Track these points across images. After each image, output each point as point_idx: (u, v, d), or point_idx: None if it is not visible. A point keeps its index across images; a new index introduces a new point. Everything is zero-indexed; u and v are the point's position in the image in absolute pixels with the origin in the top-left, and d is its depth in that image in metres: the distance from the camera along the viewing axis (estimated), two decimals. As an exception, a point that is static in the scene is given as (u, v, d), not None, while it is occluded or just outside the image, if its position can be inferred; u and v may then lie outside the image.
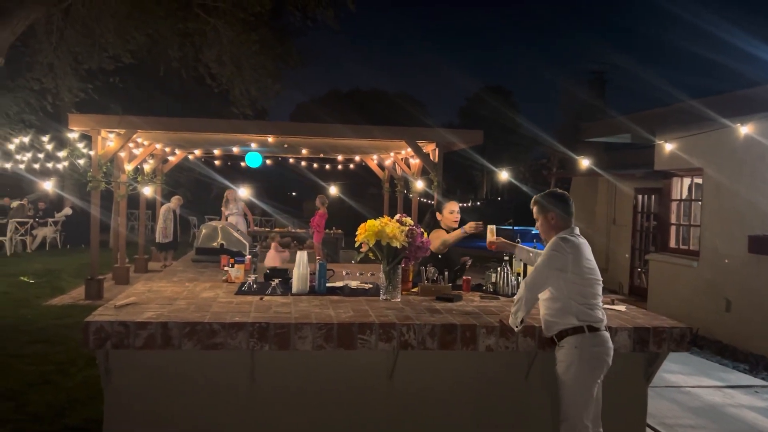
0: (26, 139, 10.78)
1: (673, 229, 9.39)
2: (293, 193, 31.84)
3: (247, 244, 6.61)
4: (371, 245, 3.62)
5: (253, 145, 11.44)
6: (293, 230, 15.10)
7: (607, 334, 3.03)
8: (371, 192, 24.39)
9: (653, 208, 10.71)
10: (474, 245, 5.71)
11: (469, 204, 29.99)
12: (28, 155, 11.83)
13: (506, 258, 4.11)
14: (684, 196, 9.23)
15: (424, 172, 10.17)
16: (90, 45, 12.81)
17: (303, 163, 16.37)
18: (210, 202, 24.30)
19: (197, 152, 13.44)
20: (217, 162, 15.80)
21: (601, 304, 3.08)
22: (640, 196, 11.08)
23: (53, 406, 4.43)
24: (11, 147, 11.03)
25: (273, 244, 9.21)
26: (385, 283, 3.70)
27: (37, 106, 14.63)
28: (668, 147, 7.70)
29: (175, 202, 12.76)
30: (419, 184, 9.12)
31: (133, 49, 13.07)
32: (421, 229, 3.73)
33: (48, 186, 9.88)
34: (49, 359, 5.52)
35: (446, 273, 4.04)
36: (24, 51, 13.09)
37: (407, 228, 3.61)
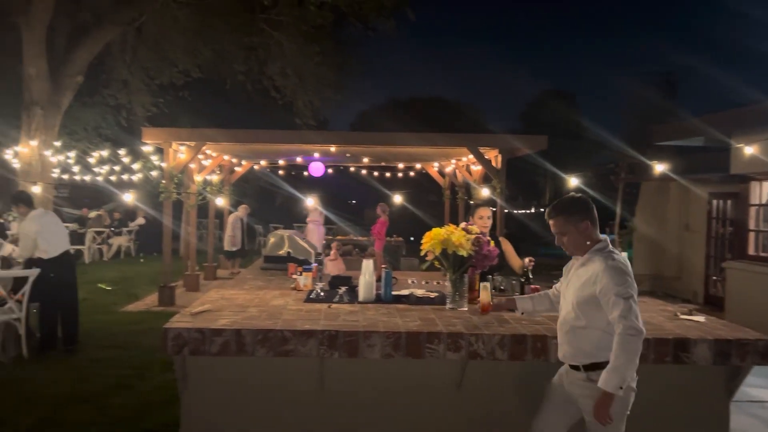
0: (104, 153, 11.34)
1: (751, 235, 8.93)
2: (353, 201, 32.15)
3: (313, 252, 6.74)
4: (437, 254, 3.61)
5: (316, 155, 11.65)
6: (354, 238, 15.23)
7: None
8: (431, 199, 24.32)
9: (729, 214, 10.22)
10: (540, 254, 5.61)
11: (533, 210, 29.44)
12: (105, 167, 12.44)
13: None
14: (763, 201, 8.77)
15: (486, 179, 10.08)
16: (161, 61, 13.38)
17: (363, 172, 16.53)
18: (275, 211, 24.87)
19: (263, 163, 13.78)
20: (281, 171, 16.14)
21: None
22: (714, 201, 10.60)
23: (132, 409, 4.62)
24: (91, 160, 11.61)
25: (332, 252, 9.34)
26: (451, 292, 3.68)
27: (113, 120, 15.40)
28: (748, 150, 7.33)
29: (242, 210, 13.13)
30: (485, 192, 9.04)
31: (200, 63, 13.57)
32: (488, 238, 3.69)
33: (128, 198, 10.35)
34: (126, 364, 5.77)
35: (513, 282, 3.99)
36: (101, 69, 13.78)
37: (473, 236, 3.59)
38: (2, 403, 4.67)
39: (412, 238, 15.50)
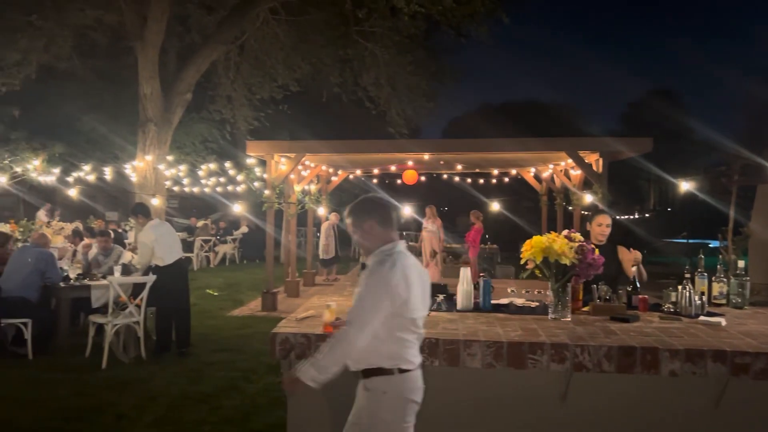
0: (212, 166, 12.02)
1: None
2: (445, 208, 32.05)
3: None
4: (538, 262, 3.54)
5: (410, 163, 11.74)
6: (448, 245, 15.18)
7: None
8: (526, 205, 23.81)
9: None
10: (648, 261, 5.34)
11: (636, 216, 28.11)
12: (212, 179, 13.17)
13: (687, 275, 3.81)
14: None
15: (586, 184, 9.74)
16: (262, 77, 14.02)
17: (456, 179, 16.45)
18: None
19: (358, 172, 14.06)
20: (374, 180, 16.39)
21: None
22: None
23: (240, 410, 4.84)
24: (199, 173, 12.35)
25: (427, 260, 9.35)
26: (553, 302, 3.59)
27: (218, 134, 16.29)
28: None
29: (334, 218, 13.45)
30: (588, 198, 8.74)
31: (298, 77, 14.09)
32: (593, 246, 3.57)
33: (237, 208, 10.91)
34: (235, 366, 6.06)
35: (620, 291, 3.83)
36: (207, 86, 14.63)
37: (576, 244, 3.48)
38: (125, 401, 5.04)
39: (506, 246, 15.24)
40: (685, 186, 7.53)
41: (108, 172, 11.57)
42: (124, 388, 5.37)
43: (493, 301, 4.01)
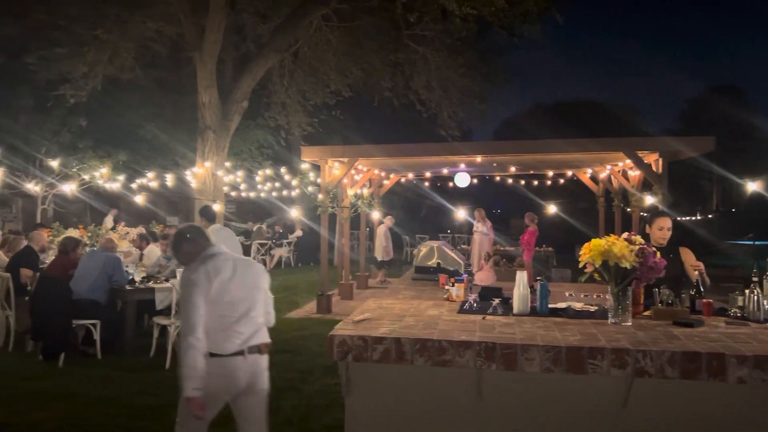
0: (268, 171, 12.31)
1: None
2: (498, 211, 31.72)
3: (462, 263, 6.78)
4: (597, 266, 3.48)
5: (462, 166, 11.69)
6: (501, 248, 15.03)
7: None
8: (582, 207, 23.33)
9: None
10: (710, 264, 5.17)
11: (698, 217, 27.14)
12: (268, 184, 13.49)
13: (755, 279, 3.67)
14: None
15: (645, 185, 9.49)
16: (315, 83, 14.26)
17: (509, 180, 16.28)
18: (420, 222, 25.29)
19: (410, 175, 14.10)
20: (426, 183, 16.40)
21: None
22: None
23: (299, 410, 4.94)
24: (256, 178, 12.66)
25: (481, 263, 9.27)
26: (613, 306, 3.52)
27: (273, 140, 16.64)
28: None
29: (389, 221, 13.53)
30: (649, 199, 8.51)
31: (350, 83, 14.26)
32: (654, 248, 3.49)
33: (294, 213, 11.15)
34: (292, 368, 6.18)
35: (683, 295, 3.73)
36: (262, 93, 14.98)
37: (637, 247, 3.41)
38: (189, 399, 5.22)
39: (561, 248, 14.95)
40: (752, 186, 7.23)
41: (169, 179, 12.00)
42: (187, 387, 5.55)
43: (550, 305, 3.96)
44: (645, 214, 4.68)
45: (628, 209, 10.61)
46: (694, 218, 27.34)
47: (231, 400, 3.34)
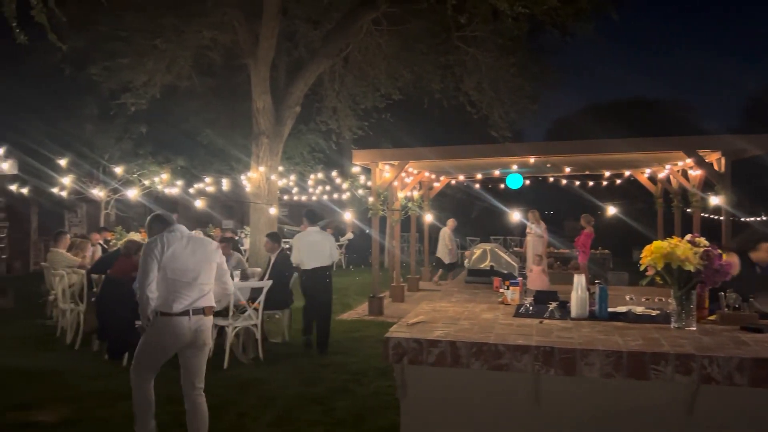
0: (320, 175, 12.47)
1: None
2: (550, 213, 31.11)
3: (516, 266, 6.70)
4: (659, 269, 3.38)
5: (514, 167, 11.55)
6: (555, 250, 14.75)
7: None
8: (639, 207, 22.66)
9: None
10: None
11: (763, 218, 25.94)
12: (319, 187, 13.66)
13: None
14: None
15: (706, 184, 9.16)
16: (365, 87, 14.33)
17: (563, 181, 15.97)
18: (471, 224, 25.06)
19: (461, 177, 14.02)
20: (476, 185, 16.26)
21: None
22: None
23: (353, 412, 4.99)
24: (308, 181, 12.84)
25: (532, 266, 9.12)
26: (676, 310, 3.42)
27: (324, 144, 16.83)
28: None
29: (451, 223, 13.54)
30: (714, 200, 8.22)
31: (400, 86, 14.26)
32: (719, 251, 3.36)
33: (347, 216, 11.29)
34: (346, 369, 6.25)
35: (750, 299, 3.58)
36: (313, 98, 15.16)
37: (701, 249, 3.30)
38: (246, 399, 5.34)
39: (618, 251, 14.53)
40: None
41: (225, 183, 12.30)
42: (245, 387, 5.69)
43: (609, 309, 3.87)
44: (746, 239, 4.54)
45: (688, 210, 10.27)
46: (759, 219, 26.14)
47: (178, 352, 4.07)
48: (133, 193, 10.54)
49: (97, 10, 10.43)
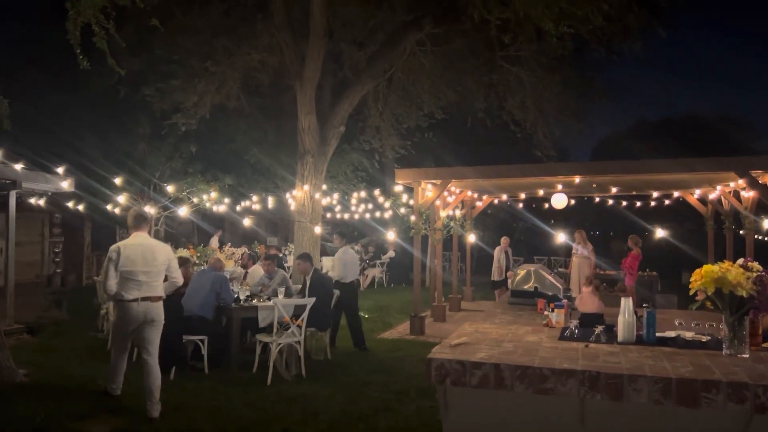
0: (362, 194, 12.60)
1: None
2: (596, 233, 30.46)
3: (561, 287, 6.62)
4: (710, 294, 3.30)
5: (559, 187, 11.42)
6: (602, 272, 14.46)
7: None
8: (689, 228, 22.01)
9: None
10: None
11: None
12: (362, 206, 13.78)
13: None
14: None
15: (760, 206, 8.88)
16: (408, 106, 14.47)
17: (609, 201, 15.68)
18: (513, 244, 24.78)
19: (504, 197, 13.94)
20: (520, 204, 16.12)
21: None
22: None
23: (395, 430, 4.99)
24: (352, 201, 12.99)
25: (582, 288, 8.93)
26: (728, 336, 3.33)
27: (368, 163, 17.00)
28: None
29: (504, 242, 13.49)
30: (767, 223, 7.96)
31: (443, 105, 14.35)
32: (774, 276, 3.27)
33: (391, 235, 11.36)
34: (388, 388, 6.26)
35: (808, 327, 3.45)
36: (357, 118, 15.38)
37: (755, 274, 3.21)
38: (289, 416, 5.41)
39: (666, 273, 14.14)
40: None
41: (270, 201, 12.54)
42: (289, 403, 5.76)
43: (657, 334, 3.80)
44: None
45: (741, 232, 9.96)
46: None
47: (137, 329, 5.41)
48: (182, 211, 10.82)
49: (153, 35, 10.87)
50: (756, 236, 9.71)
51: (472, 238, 12.84)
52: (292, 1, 11.58)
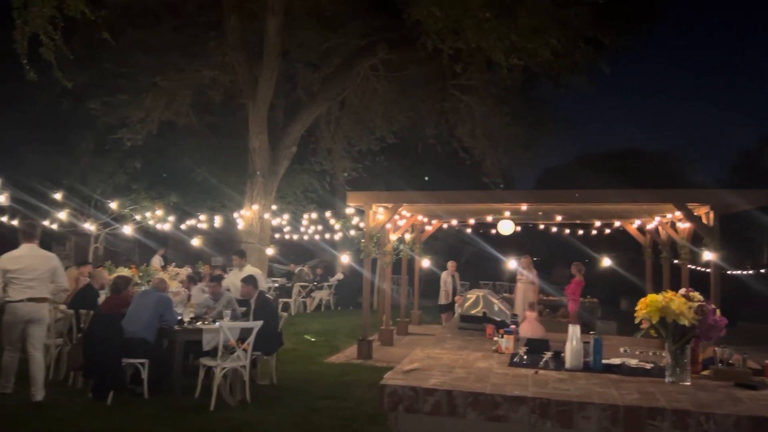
0: (314, 215, 12.54)
1: None
2: (538, 259, 31.11)
3: (509, 313, 6.70)
4: (654, 322, 3.41)
5: (507, 213, 11.65)
6: (545, 297, 14.76)
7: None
8: (627, 257, 22.80)
9: None
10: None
11: (750, 271, 26.19)
12: (312, 227, 13.69)
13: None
14: None
15: (695, 237, 9.28)
16: (361, 130, 14.57)
17: (553, 229, 16.10)
18: (460, 268, 25.03)
19: (453, 222, 14.11)
20: (468, 230, 16.35)
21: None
22: None
23: (344, 458, 4.90)
24: (304, 222, 12.89)
25: (525, 314, 9.08)
26: (671, 364, 3.43)
27: (318, 184, 16.95)
28: None
29: (451, 266, 13.55)
30: (707, 256, 8.30)
31: (395, 130, 14.51)
32: (713, 306, 3.41)
33: (345, 259, 11.24)
34: (337, 414, 6.15)
35: (745, 355, 3.60)
36: (308, 139, 15.36)
37: (696, 304, 3.34)
38: (234, 442, 5.24)
39: (606, 299, 14.53)
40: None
41: (218, 220, 12.31)
42: (234, 430, 5.58)
43: (604, 361, 3.88)
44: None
45: (676, 261, 10.38)
46: (745, 272, 26.38)
47: (24, 327, 6.19)
48: (127, 229, 10.48)
49: (102, 48, 10.60)
50: (691, 266, 10.12)
51: (426, 263, 12.90)
52: (247, 21, 11.53)
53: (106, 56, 11.83)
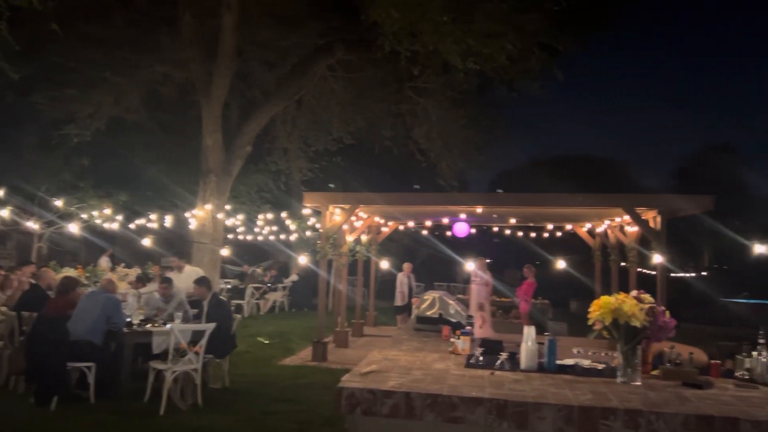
0: (270, 216, 12.36)
1: None
2: (488, 260, 31.55)
3: (465, 314, 6.73)
4: (607, 324, 3.49)
5: (462, 216, 11.77)
6: (498, 299, 14.96)
7: None
8: (577, 260, 23.36)
9: None
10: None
11: (692, 273, 27.23)
12: (267, 228, 13.50)
13: (761, 341, 3.69)
14: None
15: (642, 240, 9.56)
16: (317, 130, 14.46)
17: (507, 231, 16.34)
18: (416, 269, 25.15)
19: (410, 223, 14.16)
20: (424, 232, 16.44)
21: None
22: None
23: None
24: (258, 222, 12.70)
25: (479, 314, 9.16)
26: (622, 365, 3.52)
27: (273, 184, 16.74)
28: None
29: (407, 268, 13.55)
30: (657, 258, 8.54)
31: (352, 131, 14.45)
32: (663, 308, 3.51)
33: (303, 260, 11.07)
34: (292, 418, 6.06)
35: (691, 355, 3.73)
36: (265, 138, 15.15)
37: (647, 306, 3.43)
38: (185, 448, 5.10)
39: (557, 301, 14.84)
40: (761, 249, 7.29)
41: (169, 220, 12.01)
42: (185, 436, 5.44)
43: (557, 362, 3.95)
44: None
45: (624, 264, 10.67)
46: (688, 275, 27.42)
47: None
48: (72, 227, 10.11)
49: (49, 40, 10.20)
50: (639, 269, 10.42)
51: (384, 264, 12.89)
52: (202, 17, 11.29)
53: (54, 49, 11.38)
